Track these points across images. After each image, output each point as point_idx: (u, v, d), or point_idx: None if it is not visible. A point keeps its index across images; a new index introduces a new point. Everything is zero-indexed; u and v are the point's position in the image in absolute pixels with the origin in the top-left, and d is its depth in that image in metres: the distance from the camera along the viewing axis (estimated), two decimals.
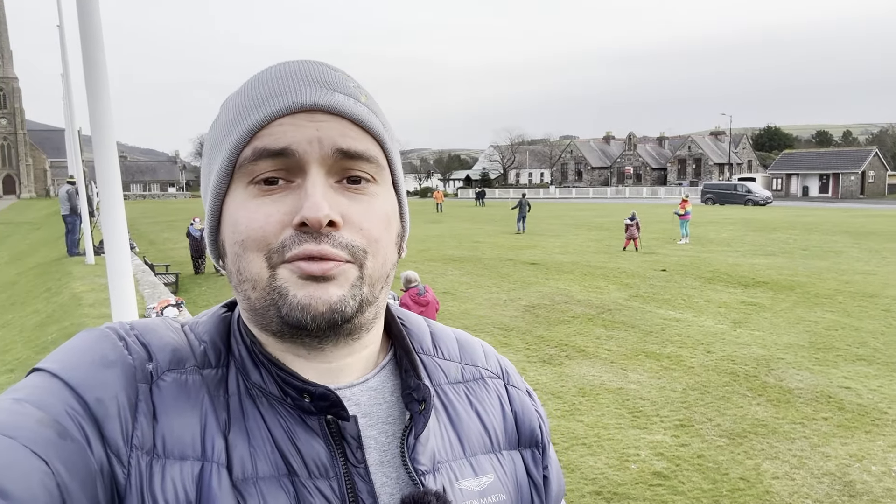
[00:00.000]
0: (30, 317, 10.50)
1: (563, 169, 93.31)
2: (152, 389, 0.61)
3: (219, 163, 0.64)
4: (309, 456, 0.63)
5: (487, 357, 0.83)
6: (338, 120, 0.63)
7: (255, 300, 0.63)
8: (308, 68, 0.65)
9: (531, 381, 7.76)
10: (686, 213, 21.92)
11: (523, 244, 22.08)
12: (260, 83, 0.65)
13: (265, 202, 0.62)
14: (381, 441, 0.68)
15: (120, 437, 0.57)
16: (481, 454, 0.74)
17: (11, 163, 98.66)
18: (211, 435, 0.61)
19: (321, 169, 0.62)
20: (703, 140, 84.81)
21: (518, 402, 0.81)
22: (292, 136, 0.61)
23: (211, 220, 0.66)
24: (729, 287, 13.44)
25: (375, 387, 0.71)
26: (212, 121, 0.71)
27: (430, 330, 0.81)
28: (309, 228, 0.60)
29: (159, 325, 0.67)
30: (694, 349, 8.96)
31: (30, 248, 23.07)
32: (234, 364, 0.66)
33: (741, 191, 48.60)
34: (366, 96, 0.67)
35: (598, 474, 5.41)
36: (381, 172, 0.66)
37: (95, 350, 0.61)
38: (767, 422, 6.39)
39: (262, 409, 0.64)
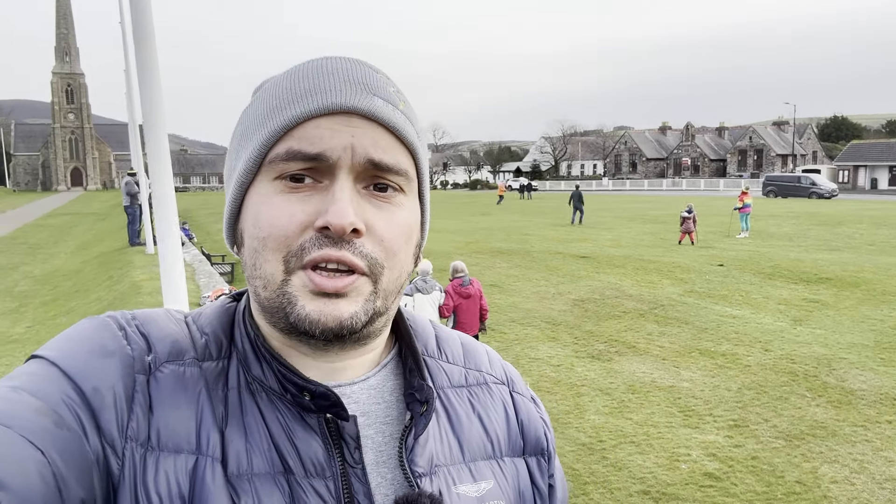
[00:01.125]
0: (92, 304, 10.93)
1: (617, 160, 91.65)
2: (150, 381, 0.61)
3: (248, 152, 0.63)
4: (306, 454, 0.62)
5: (492, 363, 0.82)
6: (373, 127, 0.62)
7: (265, 299, 0.62)
8: (350, 67, 0.64)
9: (579, 376, 7.65)
10: (745, 206, 21.20)
11: (574, 237, 21.79)
12: (300, 77, 0.63)
13: (290, 200, 0.61)
14: (377, 441, 0.67)
15: (115, 428, 0.57)
16: (481, 460, 0.73)
17: (79, 156, 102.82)
18: (207, 429, 0.60)
19: (350, 175, 0.61)
20: (765, 130, 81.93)
21: (524, 409, 0.80)
22: (328, 141, 0.60)
23: (232, 208, 0.65)
24: (790, 283, 12.96)
25: (375, 385, 0.70)
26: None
27: (436, 333, 0.80)
28: (331, 233, 0.59)
29: (161, 316, 0.67)
30: (751, 347, 8.67)
31: (94, 238, 24.04)
32: (237, 356, 0.66)
33: (805, 183, 46.79)
34: (404, 103, 0.66)
35: (647, 473, 5.28)
36: (409, 184, 0.65)
37: (94, 339, 0.61)
38: (827, 424, 6.12)
39: (261, 405, 0.63)
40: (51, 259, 19.88)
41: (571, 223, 26.56)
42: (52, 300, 12.89)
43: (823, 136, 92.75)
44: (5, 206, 51.69)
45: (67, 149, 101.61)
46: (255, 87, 0.69)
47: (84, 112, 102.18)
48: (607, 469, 5.38)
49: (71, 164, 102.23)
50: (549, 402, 6.85)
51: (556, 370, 7.88)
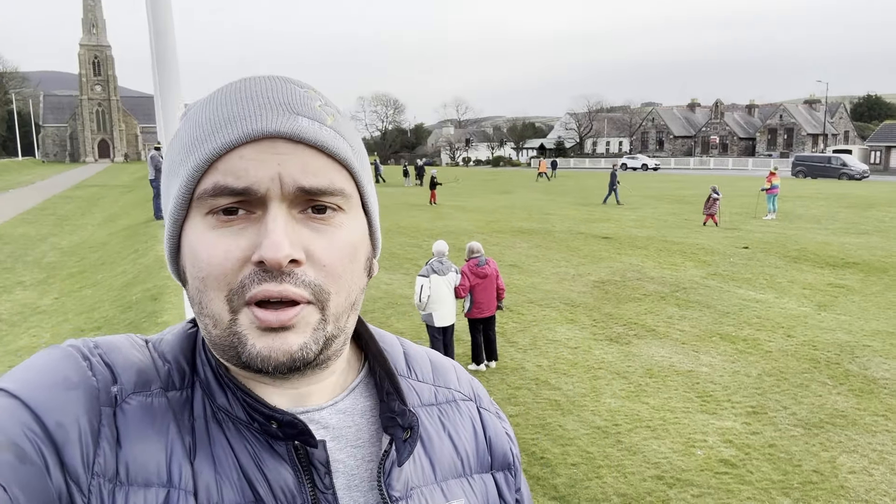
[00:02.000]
0: (118, 277, 11.11)
1: (644, 138, 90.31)
2: (116, 413, 0.59)
3: (176, 188, 0.61)
4: (276, 482, 0.61)
5: (460, 379, 0.82)
6: (300, 150, 0.59)
7: (216, 336, 0.61)
8: (271, 87, 0.62)
9: (596, 359, 7.63)
10: (773, 187, 20.81)
11: (596, 217, 21.60)
12: (220, 103, 0.61)
13: (224, 235, 0.59)
14: (349, 465, 0.67)
15: (80, 464, 0.55)
16: (452, 479, 0.73)
17: (106, 128, 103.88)
18: (178, 461, 0.60)
19: (283, 203, 0.59)
20: (796, 109, 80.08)
21: (491, 425, 0.80)
22: (255, 173, 0.58)
23: (170, 244, 0.64)
24: (816, 267, 12.75)
25: (345, 409, 0.69)
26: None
27: (404, 350, 0.80)
28: (269, 267, 0.57)
29: (124, 344, 0.65)
30: (773, 332, 8.56)
31: (121, 211, 24.38)
32: (200, 385, 0.65)
33: (835, 164, 45.77)
34: (332, 117, 0.63)
35: (662, 458, 5.27)
36: (348, 201, 0.63)
37: (58, 370, 0.59)
38: (848, 413, 6.05)
39: (229, 434, 0.63)
40: (78, 231, 20.22)
41: (604, 202, 26.25)
42: (78, 272, 13.13)
43: (856, 116, 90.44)
44: (34, 177, 52.58)
45: (95, 121, 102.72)
46: (182, 112, 0.67)
47: (111, 84, 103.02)
48: (622, 453, 5.38)
49: (98, 135, 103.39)
50: (565, 384, 6.85)
51: (573, 352, 7.86)
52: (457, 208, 24.97)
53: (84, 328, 8.29)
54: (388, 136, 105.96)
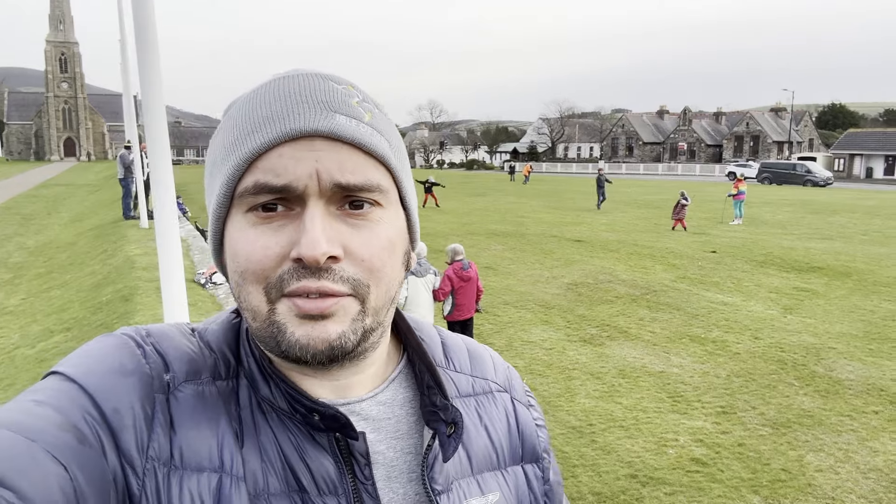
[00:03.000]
0: (87, 278, 10.91)
1: (614, 144, 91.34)
2: (169, 400, 0.61)
3: (218, 187, 0.63)
4: (318, 472, 0.63)
5: (497, 369, 0.83)
6: (338, 148, 0.60)
7: (256, 329, 0.63)
8: (309, 85, 0.63)
9: (570, 360, 7.73)
10: (740, 193, 21.26)
11: (569, 220, 21.82)
12: (259, 103, 0.62)
13: (264, 232, 0.60)
14: (388, 456, 0.68)
15: (134, 448, 0.58)
16: (487, 471, 0.74)
17: (72, 126, 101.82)
18: (229, 448, 0.61)
19: (320, 200, 0.60)
20: (763, 116, 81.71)
21: (523, 417, 0.81)
22: (293, 171, 0.59)
23: (214, 241, 0.66)
24: (782, 271, 13.05)
25: (385, 401, 0.70)
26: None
27: (442, 340, 0.81)
28: (307, 263, 0.59)
29: (175, 333, 0.67)
30: (741, 334, 8.76)
31: (88, 210, 23.91)
32: (245, 375, 0.66)
33: (800, 171, 46.83)
34: (370, 114, 0.64)
35: (635, 458, 5.37)
36: (386, 196, 0.64)
37: (114, 357, 0.61)
38: (814, 413, 6.22)
39: (273, 424, 0.64)
40: (44, 230, 19.78)
41: (598, 208, 25.84)
42: (46, 272, 12.86)
43: (821, 124, 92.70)
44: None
45: (61, 118, 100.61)
46: (225, 107, 0.69)
47: (78, 81, 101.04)
48: (596, 452, 5.46)
49: (64, 133, 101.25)
50: (540, 384, 6.93)
51: (548, 353, 7.95)
52: (431, 209, 25.00)
53: (54, 329, 8.13)
54: None
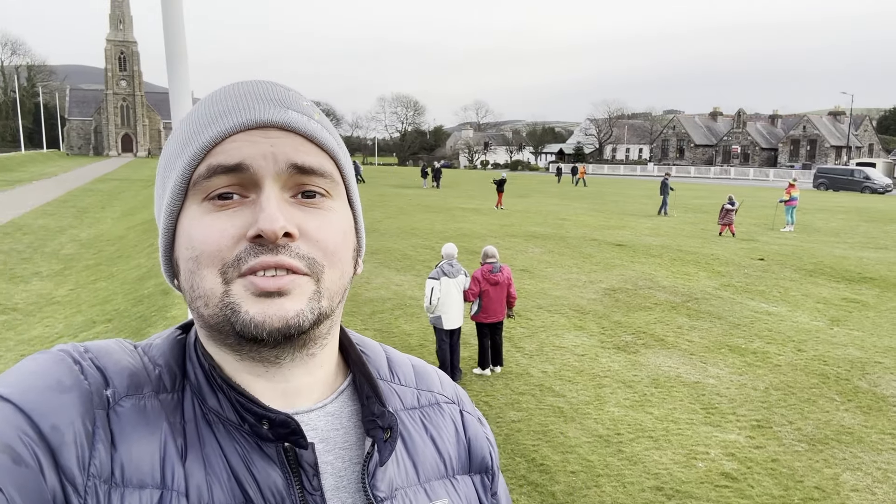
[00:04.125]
0: (132, 270, 11.25)
1: (664, 145, 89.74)
2: (110, 416, 0.60)
3: (173, 180, 0.64)
4: (265, 484, 0.62)
5: (443, 384, 0.84)
6: (291, 136, 0.63)
7: (209, 317, 0.62)
8: (262, 88, 0.66)
9: (602, 367, 7.60)
10: (792, 199, 20.58)
11: (612, 224, 21.50)
12: (214, 102, 0.65)
13: (220, 217, 0.61)
14: (337, 467, 0.68)
15: (76, 466, 0.56)
16: (435, 480, 0.75)
17: (130, 123, 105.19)
18: (171, 463, 0.60)
19: (276, 183, 0.62)
20: (820, 120, 79.13)
21: (472, 428, 0.82)
22: (247, 151, 0.61)
23: (165, 239, 0.66)
24: (831, 281, 12.59)
25: (333, 412, 0.71)
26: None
27: (387, 356, 0.82)
28: (265, 241, 0.60)
29: (114, 349, 0.66)
30: (783, 346, 8.47)
31: (140, 205, 24.66)
32: (190, 388, 0.66)
33: (858, 177, 45.15)
34: (319, 114, 0.68)
35: (662, 469, 5.24)
36: (336, 188, 0.67)
37: (50, 374, 0.60)
38: (854, 430, 5.97)
39: (219, 436, 0.63)
40: (97, 223, 20.49)
41: (658, 213, 24.91)
42: (94, 265, 13.31)
43: (881, 129, 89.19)
44: (58, 170, 53.34)
45: (119, 115, 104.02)
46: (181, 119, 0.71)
47: (136, 79, 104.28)
48: (622, 462, 5.35)
49: (122, 130, 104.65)
50: (569, 391, 6.83)
51: (579, 360, 7.83)
52: (472, 211, 24.97)
53: (96, 320, 8.41)
54: (408, 138, 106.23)
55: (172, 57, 3.88)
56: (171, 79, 3.95)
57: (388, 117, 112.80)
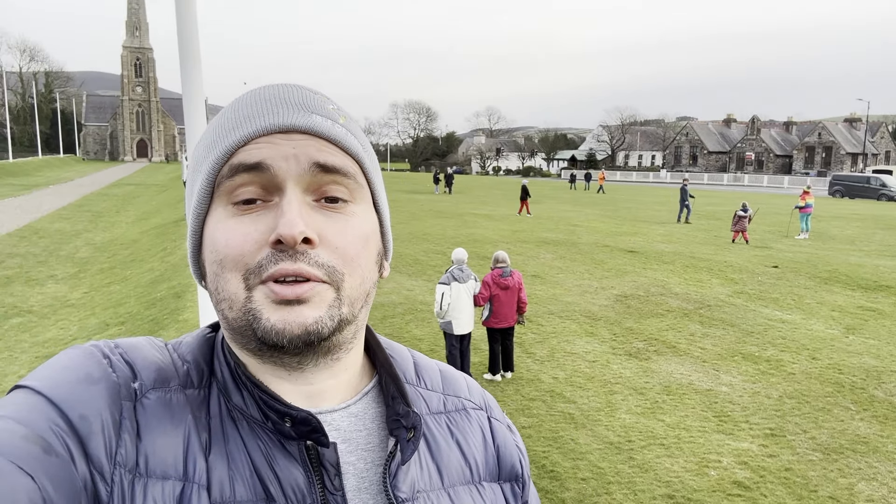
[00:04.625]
0: (145, 274, 11.33)
1: (677, 152, 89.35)
2: (136, 407, 0.61)
3: (199, 183, 0.65)
4: (287, 481, 0.62)
5: (471, 390, 0.84)
6: (315, 139, 0.63)
7: (233, 320, 0.63)
8: (288, 91, 0.66)
9: (614, 374, 7.55)
10: (807, 206, 20.40)
11: (624, 230, 21.40)
12: (239, 106, 0.66)
13: (243, 221, 0.62)
14: (359, 468, 0.68)
15: (104, 455, 0.57)
16: (460, 485, 0.74)
17: (145, 128, 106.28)
18: (193, 455, 0.61)
19: (297, 186, 0.62)
20: (836, 127, 78.48)
21: (500, 435, 0.81)
22: (267, 152, 0.62)
23: (192, 240, 0.67)
24: (847, 289, 12.45)
25: (357, 413, 0.71)
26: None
27: (414, 360, 0.81)
28: (285, 246, 0.60)
29: (144, 345, 0.68)
30: (797, 354, 8.38)
31: (154, 209, 24.86)
32: (217, 385, 0.67)
33: (875, 184, 44.70)
34: (344, 118, 0.68)
35: (674, 477, 5.19)
36: (360, 190, 0.66)
37: (80, 368, 0.61)
38: (869, 439, 5.89)
39: (243, 433, 0.64)
40: (112, 227, 20.68)
41: (678, 221, 24.46)
42: (108, 268, 13.42)
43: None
44: (74, 174, 53.95)
45: (134, 121, 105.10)
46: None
47: (151, 86, 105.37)
48: (633, 470, 5.31)
49: (137, 135, 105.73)
50: (580, 397, 6.79)
51: (591, 366, 7.79)
52: (484, 217, 24.97)
53: (109, 322, 8.47)
54: (420, 144, 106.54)
55: (186, 62, 3.91)
56: (184, 84, 3.97)
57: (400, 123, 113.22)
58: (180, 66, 3.94)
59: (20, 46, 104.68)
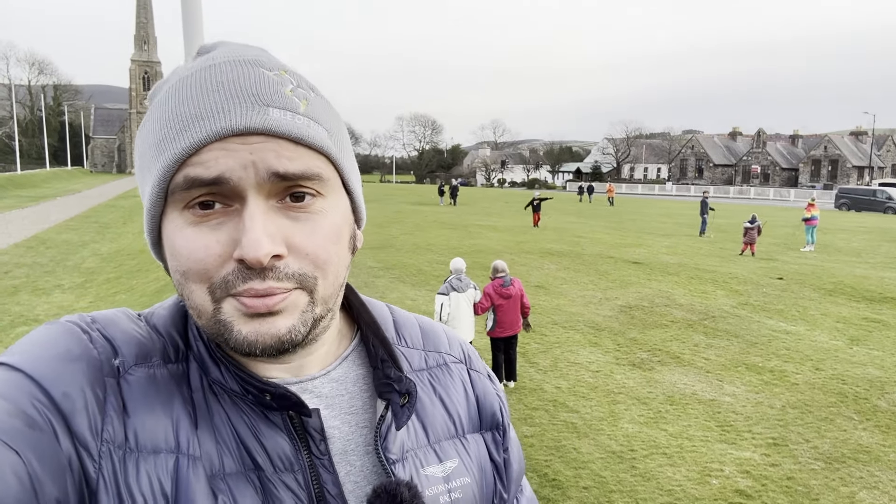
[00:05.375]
0: (151, 283, 11.41)
1: (683, 165, 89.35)
2: (120, 384, 0.61)
3: (150, 185, 0.61)
4: (273, 451, 0.63)
5: (451, 342, 0.84)
6: (273, 140, 0.58)
7: (203, 325, 0.62)
8: (238, 75, 0.59)
9: (617, 384, 7.56)
10: (812, 218, 20.37)
11: (628, 242, 21.40)
12: (186, 97, 0.59)
13: (202, 231, 0.59)
14: (344, 431, 0.68)
15: (88, 432, 0.57)
16: (445, 440, 0.75)
17: None
18: (185, 429, 0.61)
19: (259, 195, 0.58)
20: (842, 140, 78.40)
21: (480, 385, 0.82)
22: (224, 162, 0.57)
23: (151, 238, 0.64)
24: (851, 301, 12.42)
25: (338, 378, 0.71)
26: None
27: (393, 317, 0.81)
28: (250, 265, 0.58)
29: (121, 318, 0.66)
30: (801, 365, 8.37)
31: None
32: (194, 358, 0.66)
33: (881, 197, 44.59)
34: (305, 101, 0.61)
35: (676, 486, 5.19)
36: (327, 184, 0.62)
37: (59, 343, 0.60)
38: (872, 448, 5.87)
39: (225, 405, 0.64)
40: (118, 238, 20.81)
41: (700, 234, 23.77)
42: (115, 278, 13.51)
43: None
44: (82, 186, 54.31)
45: None
46: (151, 91, 0.67)
47: None
48: (635, 479, 5.31)
49: None
50: (583, 407, 6.80)
51: (594, 376, 7.80)
52: (488, 228, 25.01)
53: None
54: (425, 156, 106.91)
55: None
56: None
57: (406, 136, 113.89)
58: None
59: (29, 60, 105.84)
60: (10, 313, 10.88)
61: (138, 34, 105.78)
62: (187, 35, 3.93)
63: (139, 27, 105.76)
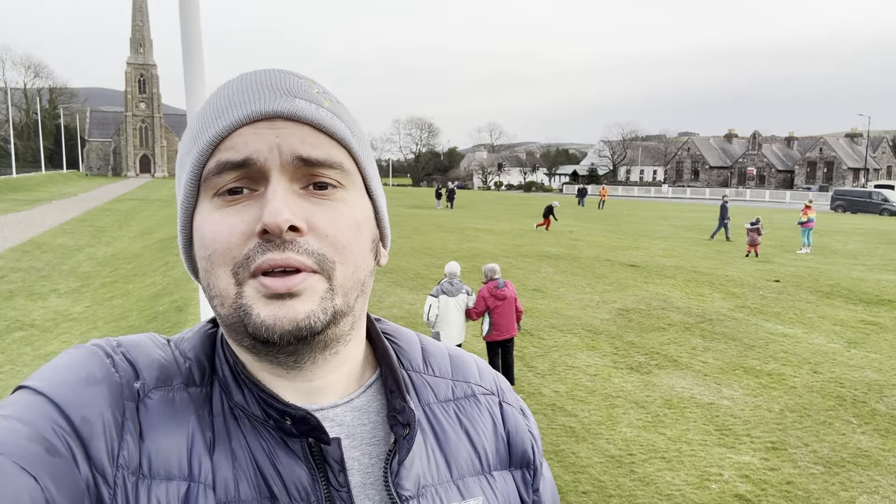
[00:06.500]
0: (147, 288, 11.37)
1: (679, 167, 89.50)
2: (139, 408, 0.61)
3: (185, 176, 0.63)
4: (290, 479, 0.62)
5: (482, 374, 0.81)
6: (299, 126, 0.61)
7: (225, 316, 0.62)
8: (269, 76, 0.64)
9: (615, 387, 7.54)
10: (808, 221, 20.41)
11: (625, 245, 21.41)
12: (221, 95, 0.64)
13: (229, 213, 0.61)
14: (364, 462, 0.67)
15: (105, 457, 0.57)
16: (469, 476, 0.72)
17: (148, 144, 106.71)
18: (198, 455, 0.60)
19: (283, 175, 0.60)
20: (837, 142, 78.63)
21: (512, 420, 0.78)
22: (253, 145, 0.60)
23: (183, 236, 0.65)
24: (848, 303, 12.44)
25: (360, 407, 0.69)
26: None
27: (423, 346, 0.79)
28: (272, 236, 0.58)
29: (146, 342, 0.67)
30: (799, 368, 8.37)
31: (157, 224, 24.94)
32: (218, 383, 0.66)
33: (876, 199, 44.70)
34: (330, 101, 0.65)
35: (675, 490, 5.18)
36: (349, 177, 0.64)
37: (82, 367, 0.60)
38: (871, 452, 5.87)
39: (245, 431, 0.63)
40: (114, 242, 20.74)
41: (727, 239, 23.22)
42: (111, 282, 13.46)
43: None
44: (78, 190, 54.16)
45: (138, 136, 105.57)
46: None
47: (155, 102, 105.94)
48: (634, 483, 5.29)
49: (140, 151, 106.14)
50: (581, 411, 6.78)
51: (592, 380, 7.78)
52: (485, 231, 25.00)
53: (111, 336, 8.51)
54: (422, 159, 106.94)
55: (190, 78, 3.96)
56: (188, 96, 4.03)
57: (402, 139, 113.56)
58: (184, 79, 3.98)
59: (25, 63, 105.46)
60: (5, 318, 10.83)
61: (134, 37, 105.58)
62: (184, 38, 3.90)
63: (135, 30, 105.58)
